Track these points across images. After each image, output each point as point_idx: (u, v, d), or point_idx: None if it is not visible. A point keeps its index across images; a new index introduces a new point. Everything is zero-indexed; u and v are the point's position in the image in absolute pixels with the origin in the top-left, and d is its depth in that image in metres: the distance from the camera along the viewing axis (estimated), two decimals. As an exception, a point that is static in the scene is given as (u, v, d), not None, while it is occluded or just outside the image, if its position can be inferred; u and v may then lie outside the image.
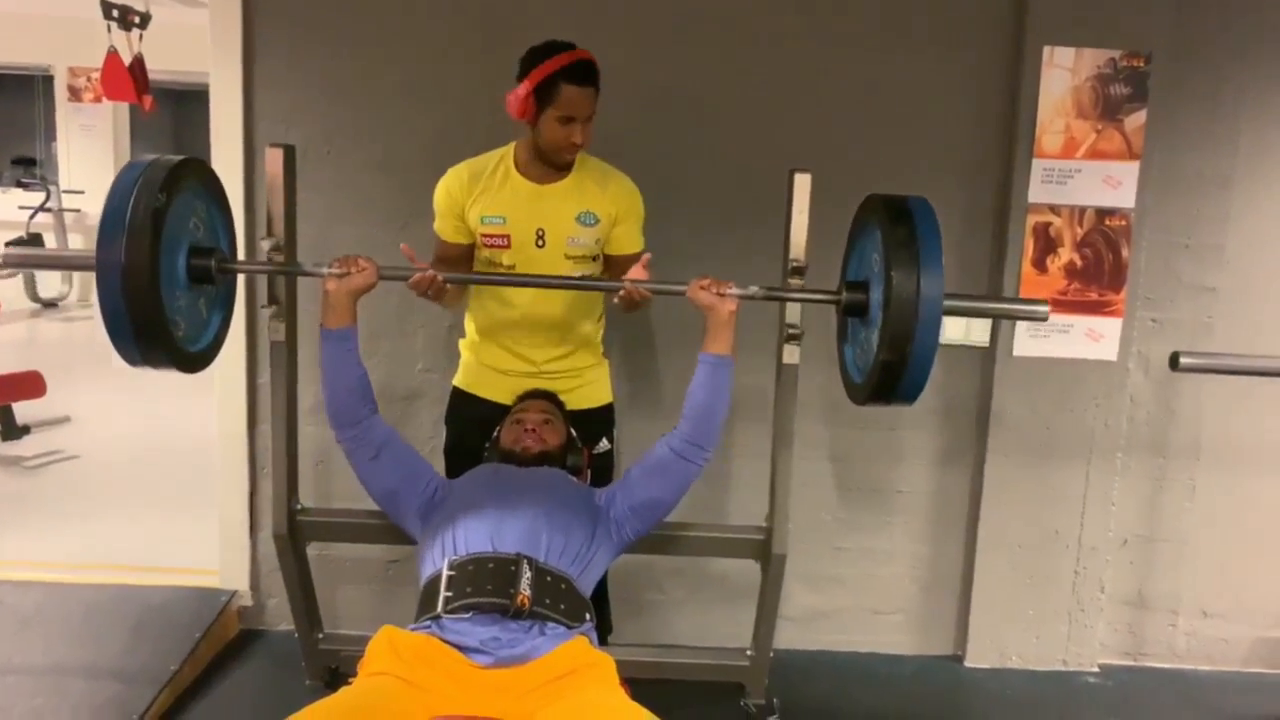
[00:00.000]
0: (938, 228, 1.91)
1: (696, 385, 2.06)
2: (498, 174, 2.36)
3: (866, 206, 2.12)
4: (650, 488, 2.06)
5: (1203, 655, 3.17)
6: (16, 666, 2.66)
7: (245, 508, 3.02)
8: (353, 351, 2.07)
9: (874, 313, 2.01)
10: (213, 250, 2.07)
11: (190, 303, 2.05)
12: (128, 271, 1.80)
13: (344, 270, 2.05)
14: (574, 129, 2.23)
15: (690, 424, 2.04)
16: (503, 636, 1.70)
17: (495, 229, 2.36)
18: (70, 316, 8.17)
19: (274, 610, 3.09)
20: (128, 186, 1.85)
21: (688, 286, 2.09)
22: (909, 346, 1.86)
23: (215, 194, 2.15)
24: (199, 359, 2.11)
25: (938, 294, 1.85)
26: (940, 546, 3.12)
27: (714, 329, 2.05)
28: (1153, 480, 3.07)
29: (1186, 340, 2.93)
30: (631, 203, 2.40)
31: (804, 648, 3.12)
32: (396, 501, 2.11)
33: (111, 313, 1.83)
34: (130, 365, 1.94)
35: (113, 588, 3.05)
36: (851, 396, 2.20)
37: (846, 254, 2.21)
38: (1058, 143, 2.84)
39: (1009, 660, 3.11)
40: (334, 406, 2.07)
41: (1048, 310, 2.08)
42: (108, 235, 1.81)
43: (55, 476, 4.32)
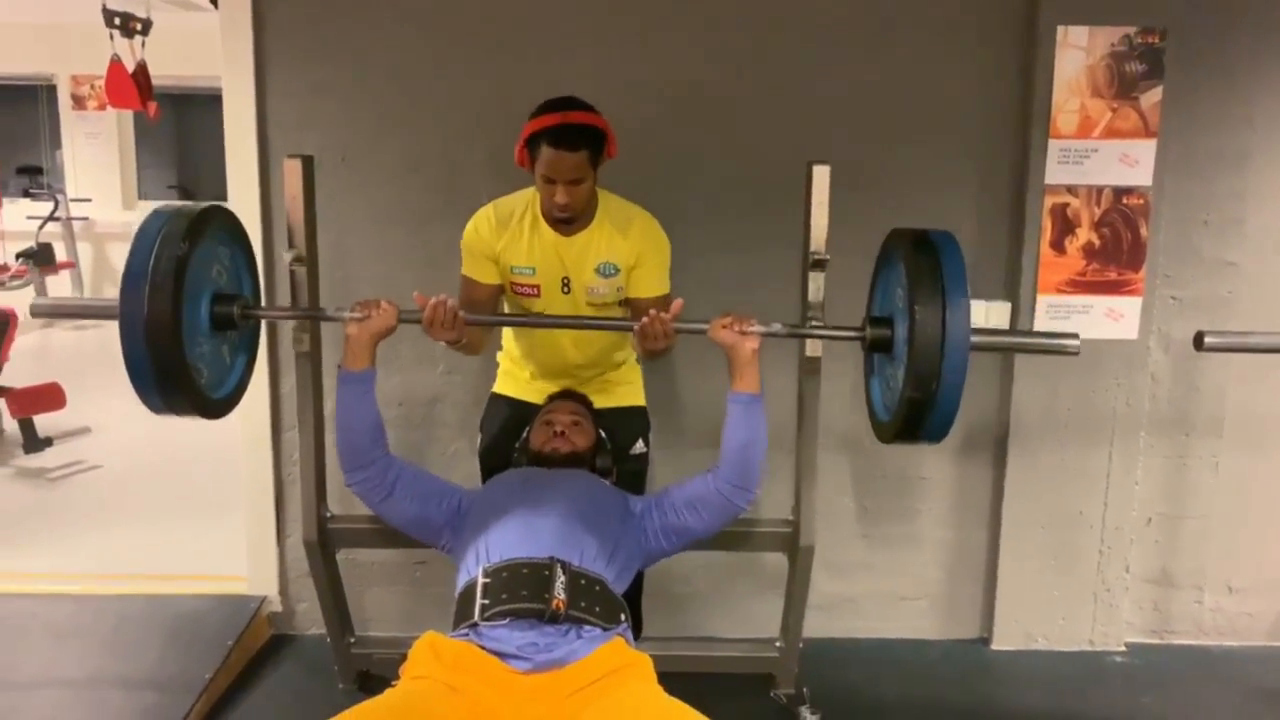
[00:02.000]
0: (963, 264, 1.89)
1: (731, 426, 2.02)
2: (525, 222, 2.34)
3: (891, 241, 2.09)
4: (687, 516, 2.05)
5: (1229, 630, 3.18)
6: (54, 679, 2.68)
7: (272, 514, 3.04)
8: (370, 394, 2.05)
9: (899, 350, 1.99)
10: (236, 297, 2.07)
11: (213, 349, 2.06)
12: (150, 323, 1.81)
13: (365, 314, 2.04)
14: (555, 189, 2.19)
15: (730, 466, 2.02)
16: (540, 641, 1.71)
17: (526, 279, 2.37)
18: (81, 326, 8.16)
19: (303, 615, 3.12)
20: (151, 237, 1.85)
21: (709, 325, 2.05)
22: (935, 387, 1.83)
23: (238, 239, 2.15)
24: (222, 405, 2.10)
25: (965, 332, 1.82)
26: (964, 531, 3.13)
27: (739, 368, 2.02)
28: (1176, 458, 3.06)
29: (1207, 316, 2.92)
30: (651, 246, 2.36)
31: (832, 635, 3.12)
32: (423, 527, 2.11)
33: (134, 362, 1.84)
34: (154, 413, 1.94)
35: (142, 598, 3.08)
36: (878, 435, 2.17)
37: (871, 287, 2.19)
38: (1073, 123, 2.82)
39: (1035, 642, 3.11)
40: (347, 448, 2.05)
41: (1079, 343, 2.04)
42: (131, 287, 1.82)
43: (79, 487, 4.34)
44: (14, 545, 3.66)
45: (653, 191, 2.69)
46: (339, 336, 2.83)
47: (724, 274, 2.92)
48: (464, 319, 2.12)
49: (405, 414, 2.99)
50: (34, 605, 3.04)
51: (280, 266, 2.82)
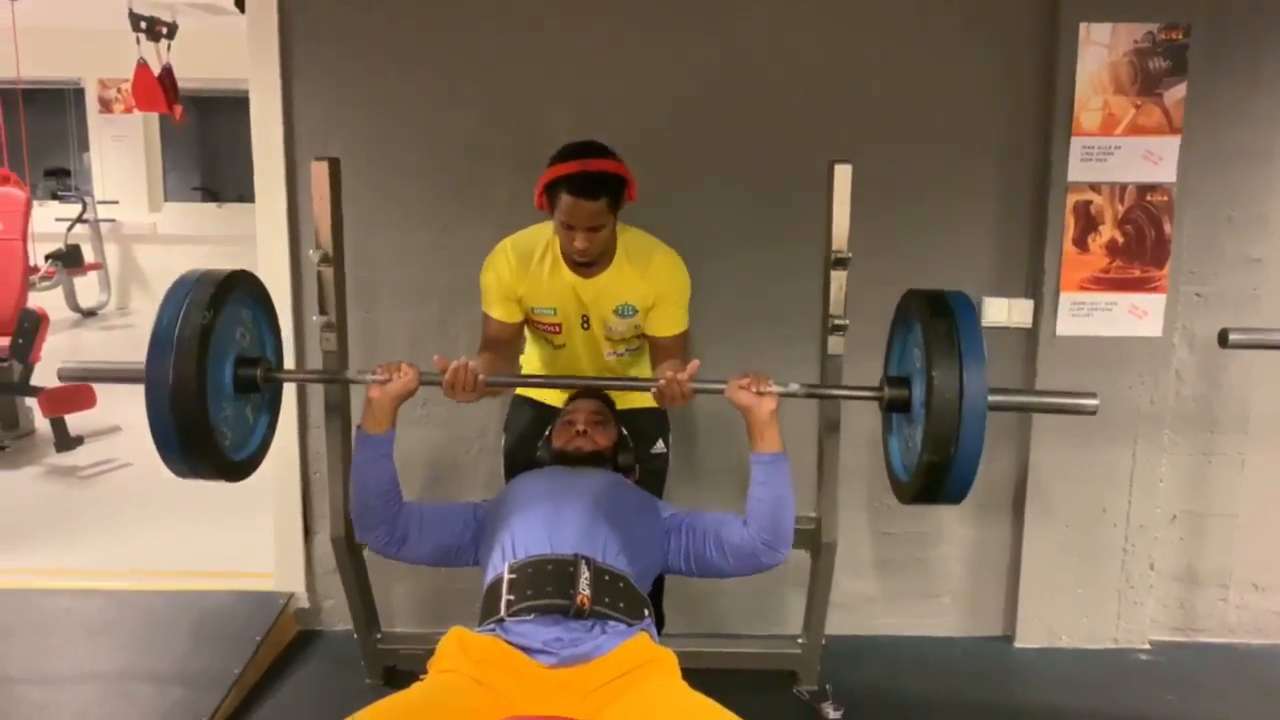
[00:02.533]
0: (978, 326, 1.89)
1: (757, 487, 2.00)
2: (545, 263, 2.35)
3: (906, 302, 2.09)
4: (715, 554, 2.03)
5: (1254, 628, 3.16)
6: (87, 674, 2.73)
7: (299, 511, 3.08)
8: (388, 457, 2.06)
9: (917, 411, 1.98)
10: (259, 360, 2.09)
11: (237, 411, 2.08)
12: (175, 392, 1.84)
13: (386, 377, 2.05)
14: (575, 235, 2.20)
15: (762, 528, 1.98)
16: (565, 636, 1.73)
17: (548, 318, 2.41)
18: (109, 325, 8.29)
19: (330, 611, 3.15)
20: (176, 305, 1.88)
21: (726, 386, 2.03)
22: (953, 452, 1.83)
23: (261, 301, 2.17)
24: (245, 466, 2.12)
25: (982, 397, 1.82)
26: (987, 528, 3.12)
27: (757, 429, 2.00)
28: (1201, 455, 3.05)
29: (1231, 313, 2.90)
30: (670, 286, 2.36)
31: (854, 633, 3.13)
32: (446, 558, 2.13)
33: (159, 428, 1.87)
34: (178, 476, 1.98)
35: (172, 594, 3.13)
36: (898, 495, 2.16)
37: (888, 346, 2.19)
38: (1096, 120, 2.81)
39: (1059, 640, 3.11)
40: (361, 508, 2.06)
41: (1097, 403, 2.02)
42: (156, 355, 1.85)
43: (110, 486, 4.41)
44: (46, 542, 3.73)
45: (671, 189, 2.72)
46: (365, 330, 2.88)
47: (743, 273, 2.94)
48: (484, 382, 2.11)
49: (429, 414, 3.02)
50: (67, 601, 3.09)
51: (308, 268, 2.86)
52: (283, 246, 2.93)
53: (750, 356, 2.96)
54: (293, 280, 2.95)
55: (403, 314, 3.00)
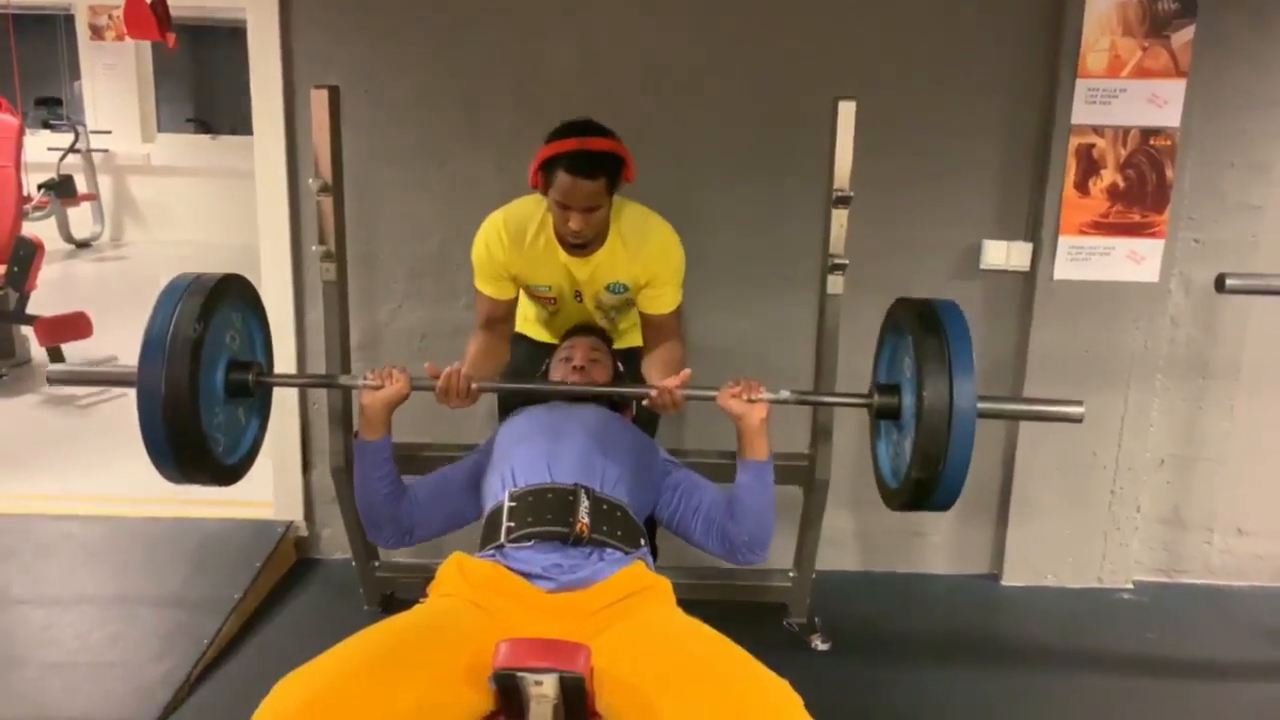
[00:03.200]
0: (968, 336, 1.88)
1: (742, 491, 2.00)
2: (539, 242, 2.30)
3: (897, 311, 2.08)
4: (699, 528, 2.04)
5: (1236, 571, 3.22)
6: (90, 596, 2.78)
7: (298, 442, 3.10)
8: (387, 463, 2.04)
9: (906, 420, 1.99)
10: (250, 365, 2.07)
11: (228, 416, 2.06)
12: (167, 401, 1.82)
13: (378, 383, 2.02)
14: (570, 215, 2.15)
15: (744, 530, 1.99)
16: (564, 563, 1.76)
17: (544, 294, 2.41)
18: (103, 256, 8.25)
19: (328, 540, 3.20)
20: (167, 314, 1.86)
21: (718, 394, 2.02)
22: (942, 465, 1.84)
23: (252, 305, 2.13)
24: (236, 470, 2.10)
25: (971, 410, 1.82)
26: (978, 469, 3.07)
27: (748, 437, 1.98)
28: (1192, 401, 3.08)
29: (1230, 260, 2.91)
30: (663, 267, 2.32)
31: (844, 569, 3.19)
32: (454, 521, 2.12)
33: (151, 437, 1.86)
34: (169, 482, 1.97)
35: (172, 521, 3.17)
36: (886, 501, 2.16)
37: (877, 354, 2.17)
38: (1102, 61, 2.79)
39: (1044, 579, 3.17)
40: (369, 514, 2.05)
41: (1083, 410, 2.04)
42: (147, 365, 1.83)
43: (107, 415, 4.42)
44: (46, 470, 3.75)
45: (672, 129, 2.70)
46: (365, 263, 2.88)
47: (744, 211, 2.93)
48: (476, 389, 2.10)
49: (428, 347, 3.03)
50: (68, 526, 3.13)
51: (306, 198, 2.85)
52: (281, 179, 2.91)
53: (751, 297, 2.98)
54: (291, 213, 2.93)
55: (402, 247, 2.99)
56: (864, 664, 2.72)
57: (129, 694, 2.41)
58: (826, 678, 2.62)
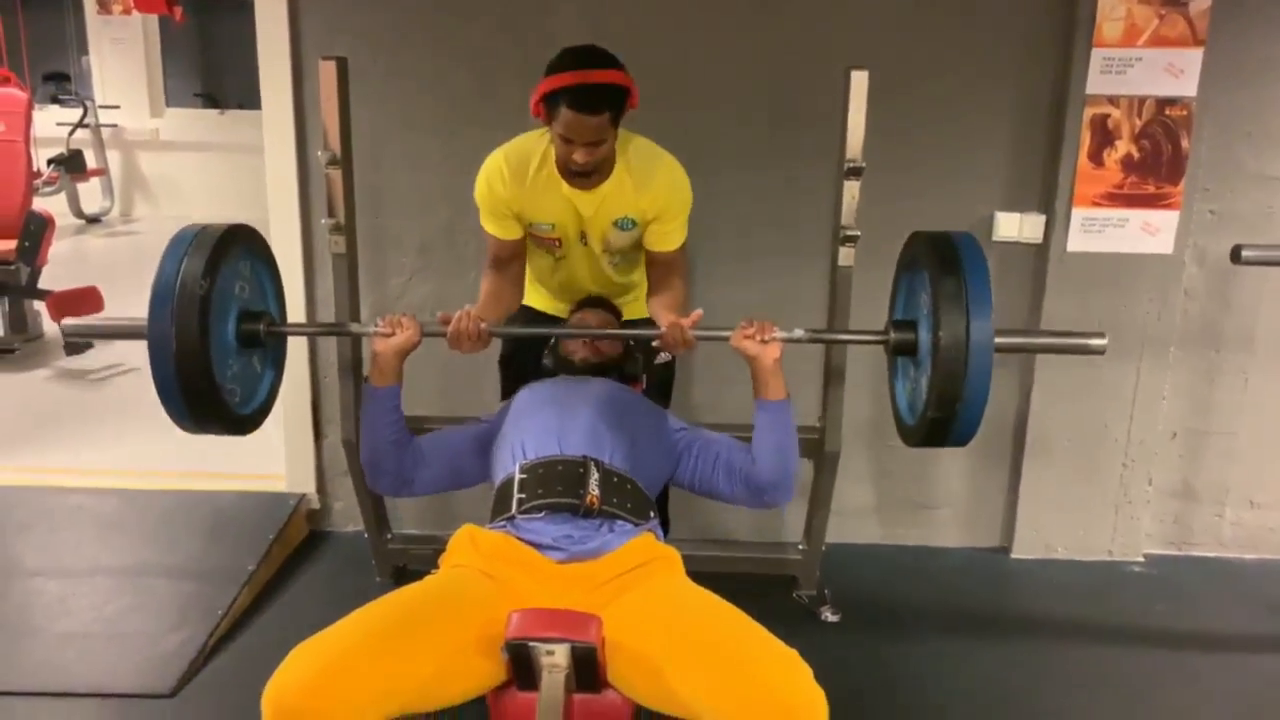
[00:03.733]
0: (986, 269, 1.85)
1: (761, 433, 1.98)
2: (541, 176, 2.26)
3: (912, 245, 2.06)
4: (721, 481, 2.04)
5: (1248, 544, 3.21)
6: (104, 568, 2.80)
7: (309, 415, 3.11)
8: (396, 409, 2.05)
9: (923, 356, 1.97)
10: (261, 314, 2.07)
11: (242, 366, 2.07)
12: (179, 354, 1.83)
13: (389, 331, 2.03)
14: (574, 149, 2.10)
15: (766, 472, 1.98)
16: (575, 534, 1.77)
17: (546, 233, 2.35)
18: (114, 231, 8.26)
19: (340, 513, 3.22)
20: (174, 266, 1.85)
21: (731, 334, 2.01)
22: (960, 402, 1.83)
23: (261, 255, 2.13)
24: (251, 420, 2.12)
25: (988, 342, 1.80)
26: (989, 442, 3.15)
27: (762, 377, 1.98)
28: (1205, 373, 3.06)
29: (1245, 231, 2.88)
30: (670, 201, 2.27)
31: (853, 541, 3.19)
32: (457, 479, 2.13)
33: (164, 388, 1.87)
34: (185, 432, 2.00)
35: (185, 493, 3.19)
36: (904, 438, 2.15)
37: (894, 290, 2.16)
38: (1118, 30, 2.75)
39: (1055, 552, 3.17)
40: (372, 458, 2.06)
41: (1105, 343, 2.00)
42: (157, 317, 1.83)
43: (120, 388, 4.45)
44: (59, 443, 3.78)
45: (682, 100, 2.67)
46: (374, 235, 2.88)
47: (754, 184, 2.91)
48: (487, 331, 2.10)
49: (438, 319, 3.03)
50: (82, 498, 3.15)
51: (315, 171, 2.84)
52: (290, 152, 2.90)
53: (759, 270, 2.97)
54: (300, 187, 2.93)
55: (411, 220, 2.99)
56: (874, 636, 2.73)
57: (145, 664, 2.44)
58: (836, 649, 2.64)
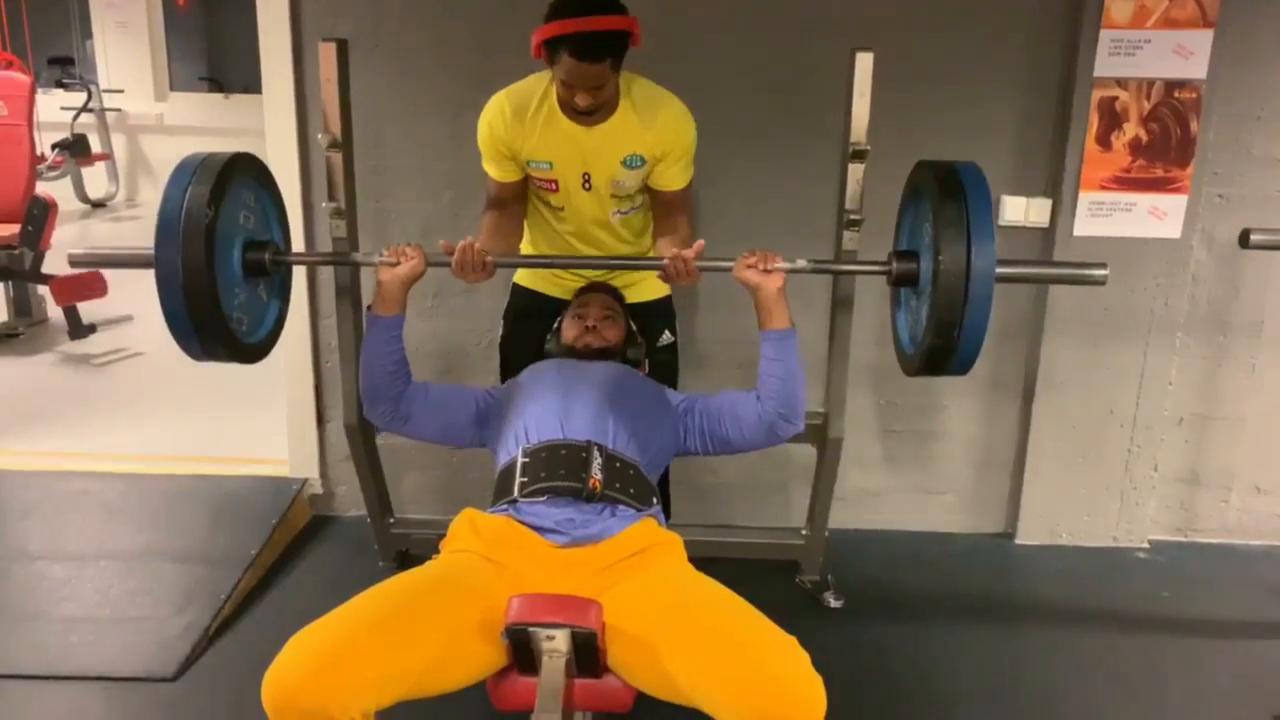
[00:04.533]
0: (989, 198, 1.85)
1: (767, 364, 2.00)
2: (541, 113, 2.24)
3: (917, 174, 2.05)
4: (730, 430, 2.05)
5: (1253, 530, 3.20)
6: (109, 552, 2.81)
7: (312, 400, 3.11)
8: (397, 339, 2.06)
9: (924, 285, 1.97)
10: (266, 244, 2.08)
11: (249, 296, 2.08)
12: (186, 283, 1.84)
13: (394, 260, 2.03)
14: (575, 93, 2.10)
15: (774, 400, 1.99)
16: (577, 518, 1.76)
17: (543, 173, 2.31)
18: (119, 216, 8.26)
19: (343, 497, 3.22)
20: (178, 194, 1.85)
21: (734, 265, 2.01)
22: (959, 328, 1.83)
23: (266, 184, 2.13)
24: (259, 349, 2.14)
25: (989, 270, 1.80)
26: (993, 427, 3.15)
27: (766, 306, 1.99)
28: (1212, 359, 3.04)
29: (1254, 215, 2.85)
30: (678, 139, 2.27)
31: (857, 527, 3.19)
32: (450, 436, 2.14)
33: (172, 316, 1.88)
34: (193, 360, 2.00)
35: (189, 477, 3.19)
36: (904, 368, 2.15)
37: (898, 221, 2.15)
38: (1127, 12, 2.72)
39: (1059, 538, 3.16)
40: (369, 385, 2.07)
41: (1106, 273, 2.01)
42: (163, 246, 1.84)
43: (124, 373, 4.46)
44: (63, 428, 3.78)
45: (684, 81, 2.64)
46: (376, 221, 2.86)
47: (758, 165, 2.89)
48: (492, 263, 2.10)
49: (440, 305, 3.02)
50: (86, 483, 3.16)
51: (316, 154, 2.83)
52: (291, 135, 2.89)
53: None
54: (301, 171, 2.92)
55: (414, 204, 2.97)
56: (877, 622, 2.72)
57: (149, 647, 2.44)
58: (839, 635, 2.64)
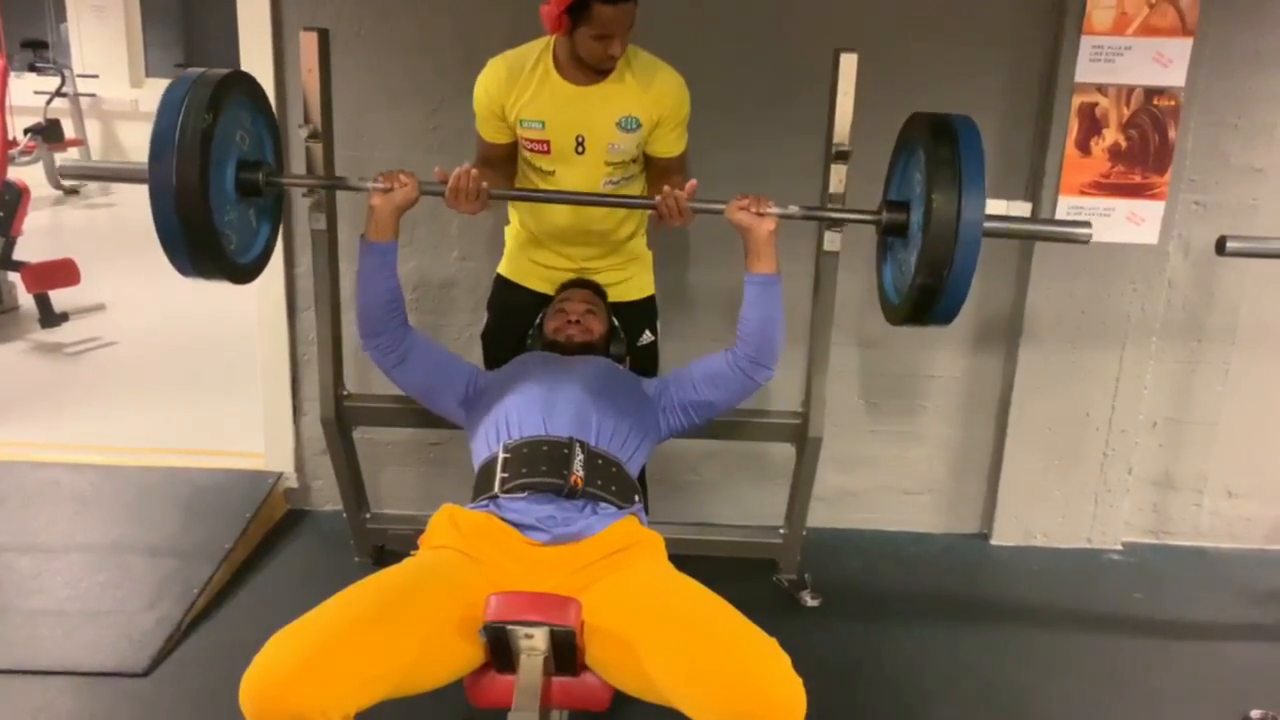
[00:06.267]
0: (981, 149, 1.88)
1: (748, 307, 2.04)
2: (536, 73, 2.26)
3: (911, 125, 2.07)
4: (707, 392, 2.09)
5: (1225, 533, 3.24)
6: (80, 544, 2.77)
7: (288, 393, 3.08)
8: (390, 266, 2.08)
9: (913, 234, 1.99)
10: (260, 164, 2.08)
11: (240, 215, 2.08)
12: (179, 191, 1.83)
13: (388, 186, 2.05)
14: (611, 43, 2.12)
15: (750, 345, 2.04)
16: (558, 515, 1.76)
17: (535, 134, 2.30)
18: (93, 204, 8.15)
19: (319, 491, 3.19)
20: (175, 104, 1.85)
21: (726, 206, 2.05)
22: (947, 271, 1.85)
23: (260, 106, 2.14)
24: (250, 270, 2.15)
25: (978, 220, 1.84)
26: (971, 429, 3.16)
27: (755, 249, 2.03)
28: (1186, 363, 3.08)
29: (1230, 222, 2.88)
30: (675, 103, 2.30)
31: (834, 526, 3.20)
32: (433, 396, 2.15)
33: (164, 228, 1.88)
34: (183, 276, 1.99)
35: (163, 470, 3.15)
36: (888, 317, 2.18)
37: (889, 171, 2.18)
38: (1108, 19, 2.74)
39: (1034, 539, 3.18)
40: (365, 315, 2.09)
41: (1090, 233, 2.06)
42: (158, 155, 1.84)
43: (96, 363, 4.40)
44: (35, 417, 3.73)
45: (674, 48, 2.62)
46: (355, 214, 2.83)
47: (741, 164, 2.88)
48: (487, 190, 2.10)
49: (420, 297, 3.00)
50: (57, 474, 3.11)
51: (295, 142, 2.79)
52: (270, 123, 2.85)
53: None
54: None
55: (394, 196, 2.94)
56: (853, 620, 2.74)
57: (120, 641, 2.41)
58: (815, 633, 2.64)
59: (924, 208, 1.88)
